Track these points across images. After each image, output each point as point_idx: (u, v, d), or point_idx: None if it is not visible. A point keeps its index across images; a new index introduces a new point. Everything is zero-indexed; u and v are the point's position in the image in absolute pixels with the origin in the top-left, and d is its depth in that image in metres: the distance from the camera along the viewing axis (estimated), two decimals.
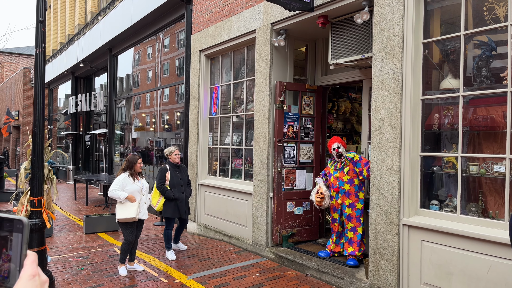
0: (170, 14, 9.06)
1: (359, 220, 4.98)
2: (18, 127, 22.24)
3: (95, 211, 9.70)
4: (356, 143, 7.85)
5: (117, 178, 5.01)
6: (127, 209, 4.87)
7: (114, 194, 4.91)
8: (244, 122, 6.68)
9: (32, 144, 4.56)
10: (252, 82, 6.54)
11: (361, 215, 4.98)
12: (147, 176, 9.92)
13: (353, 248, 4.98)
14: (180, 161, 5.98)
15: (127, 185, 4.95)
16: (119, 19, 11.05)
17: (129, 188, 4.96)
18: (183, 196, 5.77)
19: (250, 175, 6.54)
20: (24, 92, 21.19)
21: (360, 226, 4.98)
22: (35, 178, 4.51)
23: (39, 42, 4.61)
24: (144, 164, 10.15)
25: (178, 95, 9.18)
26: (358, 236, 4.98)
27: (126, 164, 5.07)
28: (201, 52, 7.52)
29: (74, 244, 6.69)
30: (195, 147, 7.57)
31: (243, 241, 6.26)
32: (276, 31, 5.79)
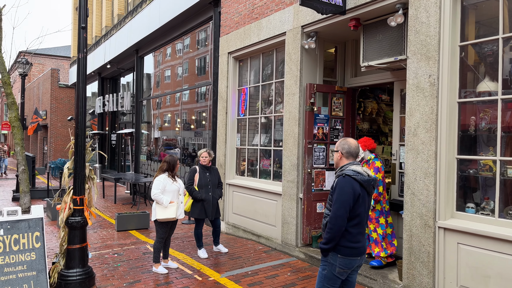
0: (197, 17, 9.22)
1: (378, 221, 5.00)
2: (46, 126, 22.93)
3: (124, 209, 9.97)
4: (382, 144, 7.84)
5: (157, 179, 5.12)
6: (167, 209, 5.02)
7: (158, 198, 5.02)
8: (272, 123, 6.77)
9: (74, 145, 4.76)
10: (281, 83, 6.63)
11: (381, 216, 4.97)
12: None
13: (378, 248, 5.01)
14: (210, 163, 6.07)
15: (166, 186, 5.09)
16: (146, 21, 11.29)
17: (168, 189, 5.10)
18: (211, 197, 5.81)
19: (279, 176, 6.63)
20: (51, 92, 21.82)
21: (380, 227, 4.98)
22: (77, 177, 4.71)
23: (81, 48, 4.81)
24: None
25: (201, 95, 9.34)
26: (380, 237, 5.00)
27: (166, 166, 5.19)
28: (230, 54, 7.64)
29: (108, 241, 6.92)
30: (223, 147, 7.70)
31: (272, 241, 6.35)
32: (307, 34, 5.85)
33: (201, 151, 6.02)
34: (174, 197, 5.14)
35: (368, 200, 3.01)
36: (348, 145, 3.06)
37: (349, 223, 2.89)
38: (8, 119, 35.68)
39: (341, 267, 2.93)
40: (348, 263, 2.93)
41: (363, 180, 2.90)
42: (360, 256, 2.97)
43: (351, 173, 2.92)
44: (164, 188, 5.08)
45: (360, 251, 2.96)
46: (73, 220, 4.64)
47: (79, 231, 4.68)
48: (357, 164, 3.00)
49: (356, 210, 2.89)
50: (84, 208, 4.76)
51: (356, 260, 2.96)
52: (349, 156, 3.04)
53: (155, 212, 5.10)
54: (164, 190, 5.09)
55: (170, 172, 5.20)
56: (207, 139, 9.31)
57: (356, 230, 2.92)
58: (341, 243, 2.90)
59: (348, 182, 2.88)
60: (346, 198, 2.85)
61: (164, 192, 5.09)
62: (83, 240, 4.72)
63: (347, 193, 2.85)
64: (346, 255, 2.91)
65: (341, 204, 2.85)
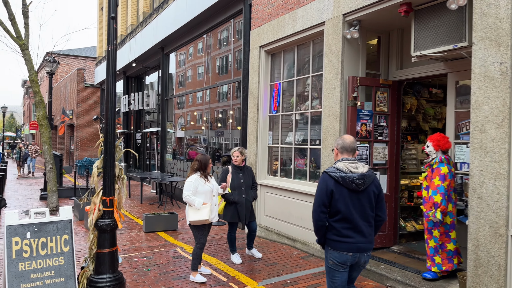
0: (226, 10, 8.88)
1: (430, 233, 4.49)
2: (72, 125, 23.17)
3: (151, 209, 9.74)
4: (421, 143, 7.31)
5: (189, 180, 4.78)
6: (199, 211, 4.67)
7: (190, 200, 4.68)
8: (309, 120, 6.35)
9: (104, 143, 4.48)
10: (318, 77, 6.20)
11: (435, 227, 4.44)
12: None
13: (430, 262, 4.52)
14: (243, 162, 5.71)
15: (198, 187, 4.74)
16: (173, 18, 11.05)
17: (201, 190, 4.75)
18: (244, 199, 5.43)
19: (315, 176, 6.21)
20: (77, 92, 22.02)
21: (432, 239, 4.47)
22: (107, 177, 4.43)
23: (111, 39, 4.52)
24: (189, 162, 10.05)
25: (228, 92, 9.00)
26: (431, 250, 4.49)
27: (197, 165, 4.84)
28: (261, 47, 7.27)
29: (136, 243, 6.66)
30: (254, 146, 7.33)
31: (309, 246, 5.93)
32: (348, 23, 5.41)
33: (233, 150, 5.65)
34: (207, 198, 4.78)
35: (358, 197, 3.01)
36: (342, 140, 3.14)
37: (332, 218, 3.04)
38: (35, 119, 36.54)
39: (332, 260, 3.06)
40: (338, 257, 3.03)
41: (337, 177, 2.97)
42: (351, 252, 3.00)
43: (330, 169, 3.05)
44: (196, 189, 4.73)
45: (351, 246, 3.00)
46: (103, 222, 4.35)
47: (109, 234, 4.40)
48: (346, 161, 3.06)
49: (336, 206, 2.99)
50: (114, 210, 4.47)
51: (348, 256, 3.01)
52: (344, 151, 3.11)
53: (188, 215, 4.77)
54: (196, 191, 4.74)
55: (202, 172, 4.84)
56: (235, 137, 8.97)
57: (341, 225, 3.01)
58: (328, 236, 3.08)
59: (322, 179, 3.07)
60: (318, 194, 3.05)
61: (196, 194, 4.73)
62: (113, 244, 4.43)
63: (320, 189, 3.05)
64: (334, 248, 3.04)
65: (315, 199, 3.07)
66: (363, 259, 3.07)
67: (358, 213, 3.00)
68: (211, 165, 4.93)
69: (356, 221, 2.99)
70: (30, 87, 33.60)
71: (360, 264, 3.10)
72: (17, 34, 9.09)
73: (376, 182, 3.10)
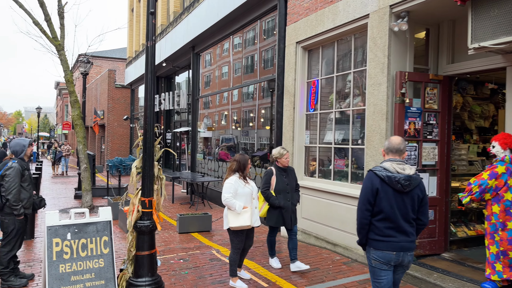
0: (259, 7, 8.67)
1: (492, 237, 4.12)
2: (103, 125, 23.60)
3: (183, 209, 9.67)
4: (467, 142, 6.86)
5: (228, 182, 4.53)
6: (240, 216, 4.41)
7: (230, 203, 4.42)
8: (350, 119, 6.05)
9: (143, 142, 4.35)
10: (360, 73, 5.89)
11: (497, 232, 4.08)
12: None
13: (489, 270, 4.15)
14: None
15: (238, 189, 4.49)
16: (204, 16, 10.95)
17: (241, 192, 4.49)
18: (289, 204, 5.10)
19: (357, 177, 5.91)
20: (108, 93, 22.38)
21: (494, 245, 4.11)
22: (146, 177, 4.30)
23: (150, 35, 4.40)
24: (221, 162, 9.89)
25: (261, 90, 8.78)
26: (491, 257, 4.13)
27: (236, 165, 4.59)
28: (298, 44, 7.02)
29: (171, 244, 6.55)
30: (290, 146, 7.09)
31: (352, 251, 5.64)
32: (396, 14, 5.08)
33: (281, 151, 5.20)
34: (248, 201, 4.52)
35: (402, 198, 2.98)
36: (388, 142, 3.13)
37: (374, 217, 3.02)
38: (68, 119, 37.51)
39: (375, 259, 3.04)
40: (381, 256, 3.01)
41: (383, 176, 2.96)
42: (395, 251, 2.98)
43: (377, 168, 3.04)
44: (235, 191, 4.48)
45: (394, 246, 2.98)
46: (142, 224, 4.22)
47: (148, 236, 4.27)
48: (393, 161, 3.03)
49: (379, 205, 2.98)
50: (152, 211, 4.34)
51: (391, 255, 2.98)
52: (389, 152, 3.10)
53: (227, 220, 4.50)
54: (236, 193, 4.49)
55: (241, 173, 4.58)
56: (261, 137, 8.76)
57: (383, 225, 3.00)
58: (370, 236, 3.06)
59: (368, 177, 3.08)
60: (364, 192, 3.05)
61: (236, 196, 4.48)
62: (152, 246, 4.30)
63: (365, 187, 3.05)
64: (377, 248, 3.02)
65: (360, 197, 3.07)
66: (407, 258, 3.03)
67: (401, 214, 2.99)
68: (250, 165, 4.68)
69: (398, 221, 2.98)
70: (63, 88, 34.68)
71: (404, 264, 3.06)
72: (53, 35, 9.20)
73: (421, 186, 3.06)
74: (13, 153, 4.69)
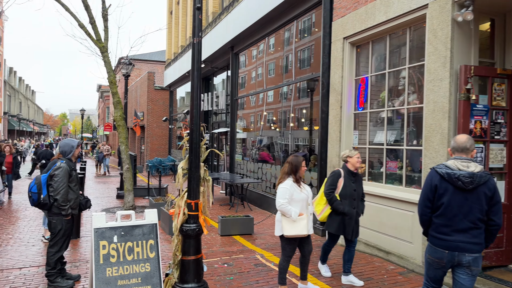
0: (302, 3, 8.38)
1: None
2: (143, 126, 24.09)
3: (222, 211, 9.53)
4: None
5: (282, 186, 4.20)
6: (296, 223, 4.11)
7: (285, 209, 4.11)
8: (405, 118, 5.64)
9: (189, 142, 4.20)
10: (416, 69, 5.47)
11: None
12: (266, 175, 9.44)
13: None
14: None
15: (294, 194, 4.18)
16: (244, 15, 10.79)
17: (297, 198, 4.19)
18: (354, 212, 4.64)
19: (413, 181, 5.48)
20: (148, 95, 22.80)
21: None
22: (192, 179, 4.14)
23: (196, 31, 4.23)
24: (265, 163, 9.70)
25: (303, 89, 8.47)
26: None
27: (288, 167, 4.31)
28: (345, 39, 6.67)
29: (213, 247, 6.39)
30: (336, 147, 6.75)
31: (407, 260, 5.23)
32: (459, 4, 4.65)
33: (351, 151, 4.76)
34: (303, 208, 4.21)
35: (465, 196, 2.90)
36: (454, 140, 3.11)
37: (434, 213, 3.05)
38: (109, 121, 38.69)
39: (428, 254, 3.10)
40: (433, 252, 3.04)
41: (443, 173, 2.96)
42: (448, 250, 2.94)
43: (439, 166, 3.05)
44: (291, 196, 4.16)
45: (448, 244, 2.95)
46: (188, 227, 4.06)
47: (194, 241, 4.10)
48: (458, 159, 3.00)
49: (438, 202, 3.00)
50: (199, 214, 4.17)
51: (443, 253, 2.96)
52: (455, 151, 3.07)
53: (280, 226, 4.21)
54: (291, 199, 4.16)
55: (294, 176, 4.30)
56: (298, 138, 8.44)
57: (440, 221, 3.00)
58: (429, 231, 3.12)
59: (429, 174, 3.12)
60: (424, 189, 3.11)
61: (291, 202, 4.16)
62: (198, 251, 4.13)
63: (425, 184, 3.10)
64: (432, 243, 3.07)
65: (421, 193, 3.14)
66: (465, 259, 2.90)
67: (462, 213, 2.92)
68: (304, 168, 4.36)
69: (457, 219, 2.93)
70: (105, 91, 35.89)
71: (464, 265, 2.93)
72: (97, 37, 9.34)
73: (490, 184, 2.92)
74: (61, 153, 4.67)
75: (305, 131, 8.74)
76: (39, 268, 5.17)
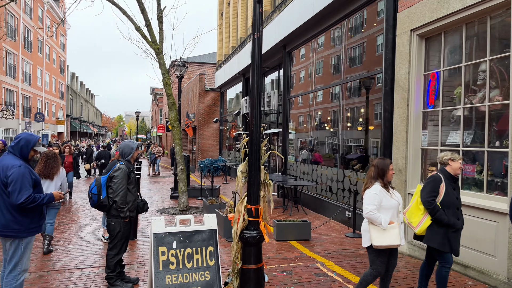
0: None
1: None
2: (194, 128, 24.49)
3: (276, 214, 9.25)
4: None
5: (371, 191, 3.81)
6: (387, 233, 3.72)
7: (374, 217, 3.71)
8: (486, 116, 5.02)
9: (248, 143, 3.96)
10: (498, 61, 4.85)
11: None
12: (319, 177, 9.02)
13: None
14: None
15: (383, 201, 3.78)
16: (297, 12, 10.46)
17: (386, 205, 3.78)
18: (460, 224, 4.00)
19: (497, 187, 4.87)
20: (199, 96, 23.14)
21: None
22: (252, 182, 3.90)
23: (257, 26, 4.00)
24: (316, 164, 9.25)
25: (362, 87, 7.96)
26: None
27: (374, 171, 3.88)
28: (413, 31, 6.13)
29: (269, 253, 6.12)
30: (402, 148, 6.22)
31: (489, 276, 4.64)
32: None
33: (453, 155, 4.10)
34: (394, 216, 3.80)
35: None
36: None
37: None
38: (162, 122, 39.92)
39: None
40: None
41: None
42: None
43: None
44: (380, 203, 3.77)
45: None
46: (248, 234, 3.83)
47: (255, 249, 3.86)
48: None
49: None
50: (259, 220, 3.92)
51: None
52: None
53: (368, 236, 3.81)
54: (380, 206, 3.76)
55: (381, 180, 3.87)
56: (356, 139, 7.92)
57: None
58: None
59: None
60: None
61: (380, 209, 3.77)
62: (259, 260, 3.88)
63: None
64: None
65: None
66: None
67: None
68: (392, 172, 3.90)
69: None
70: (158, 94, 37.11)
71: None
72: (153, 39, 9.45)
73: None
74: (120, 154, 4.64)
75: (358, 131, 8.24)
76: (99, 269, 5.19)
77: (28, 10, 33.02)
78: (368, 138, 7.91)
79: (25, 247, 3.56)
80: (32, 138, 3.70)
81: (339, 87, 9.08)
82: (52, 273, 5.02)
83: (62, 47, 44.91)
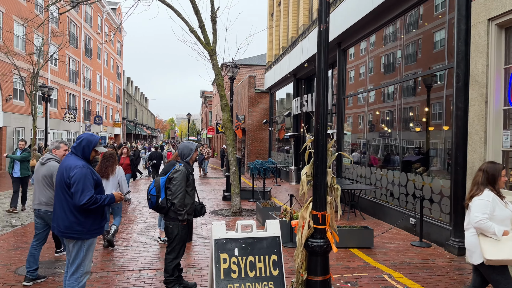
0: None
1: None
2: (244, 129, 24.52)
3: None
4: None
5: (481, 198, 3.40)
6: (502, 244, 3.27)
7: (485, 226, 3.29)
8: None
9: (314, 144, 3.67)
10: None
11: None
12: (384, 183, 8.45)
13: None
14: None
15: (495, 210, 3.35)
16: (353, 9, 9.98)
17: (498, 215, 3.34)
18: None
19: None
20: (248, 98, 23.13)
21: None
22: (318, 187, 3.60)
23: (323, 17, 3.69)
24: (380, 168, 8.69)
25: (425, 84, 7.33)
26: None
27: (482, 177, 3.46)
28: (490, 21, 5.51)
29: (330, 260, 5.71)
30: (480, 149, 5.61)
31: None
32: None
33: None
34: (508, 226, 3.36)
35: None
36: None
37: None
38: (211, 124, 40.58)
39: None
40: None
41: None
42: None
43: None
44: (492, 212, 3.35)
45: None
46: (314, 243, 3.53)
47: (321, 258, 3.55)
48: None
49: None
50: (326, 228, 3.61)
51: None
52: None
53: (478, 251, 3.37)
54: (492, 216, 3.34)
55: (492, 187, 3.43)
56: (415, 140, 7.29)
57: None
58: None
59: None
60: None
61: (491, 220, 3.35)
62: (326, 271, 3.56)
63: None
64: None
65: None
66: None
67: None
68: (504, 178, 3.44)
69: None
70: (208, 96, 37.80)
71: None
72: (206, 41, 9.43)
73: None
74: (180, 155, 4.53)
75: (416, 132, 7.62)
76: (156, 272, 5.13)
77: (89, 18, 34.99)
78: (428, 139, 7.28)
79: (87, 249, 3.52)
80: (93, 138, 3.66)
81: (402, 84, 8.49)
82: (112, 274, 5.03)
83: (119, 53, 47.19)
